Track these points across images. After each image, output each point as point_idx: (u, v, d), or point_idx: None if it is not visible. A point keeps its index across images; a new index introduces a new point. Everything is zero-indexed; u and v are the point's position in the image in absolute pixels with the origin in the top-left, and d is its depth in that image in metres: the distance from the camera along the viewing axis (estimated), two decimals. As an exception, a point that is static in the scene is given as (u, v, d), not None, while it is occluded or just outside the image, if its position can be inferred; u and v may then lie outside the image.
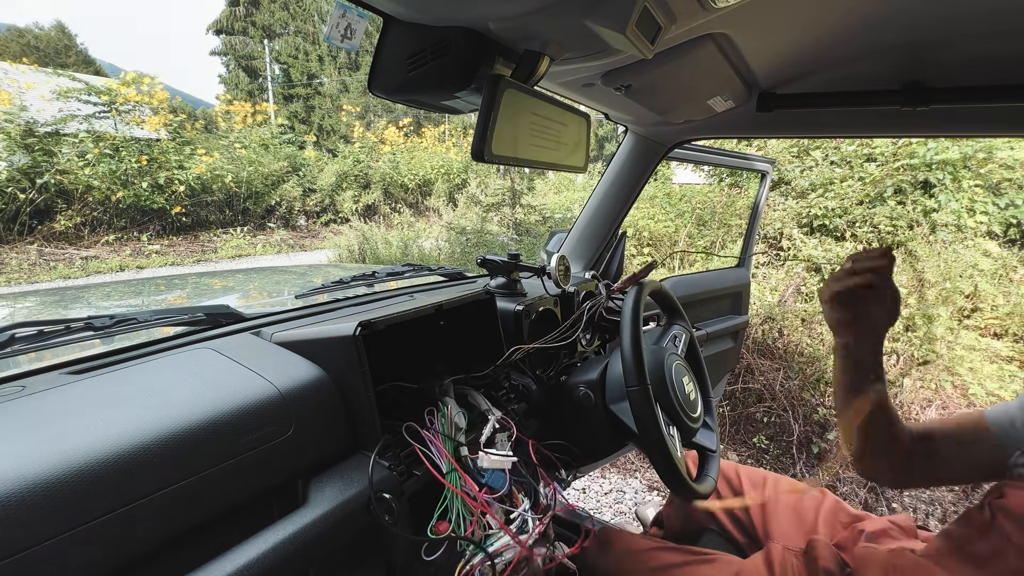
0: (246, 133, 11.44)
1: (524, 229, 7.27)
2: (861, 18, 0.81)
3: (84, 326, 0.82)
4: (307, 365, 0.74)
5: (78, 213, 8.43)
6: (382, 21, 0.71)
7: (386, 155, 12.69)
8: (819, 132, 1.96)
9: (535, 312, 1.12)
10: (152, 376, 0.69)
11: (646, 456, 0.91)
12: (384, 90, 0.77)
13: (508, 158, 0.72)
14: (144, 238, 8.98)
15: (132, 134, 9.31)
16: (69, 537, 0.46)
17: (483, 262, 1.26)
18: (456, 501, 0.71)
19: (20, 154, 7.92)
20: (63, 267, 7.23)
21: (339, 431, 0.72)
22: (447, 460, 0.73)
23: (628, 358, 0.88)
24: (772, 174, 2.21)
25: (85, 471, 0.49)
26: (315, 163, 12.09)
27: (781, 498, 1.09)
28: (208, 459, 0.57)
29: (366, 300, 1.17)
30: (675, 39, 0.81)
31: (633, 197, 1.63)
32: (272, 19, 24.07)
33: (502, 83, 0.66)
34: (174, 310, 0.95)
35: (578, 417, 1.06)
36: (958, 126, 1.17)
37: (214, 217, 10.12)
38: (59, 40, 25.58)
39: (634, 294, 0.96)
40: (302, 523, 0.60)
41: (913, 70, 0.97)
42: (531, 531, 0.76)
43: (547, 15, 0.63)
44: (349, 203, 11.31)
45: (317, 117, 23.77)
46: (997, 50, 0.87)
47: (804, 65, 1.01)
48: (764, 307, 3.53)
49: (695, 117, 1.28)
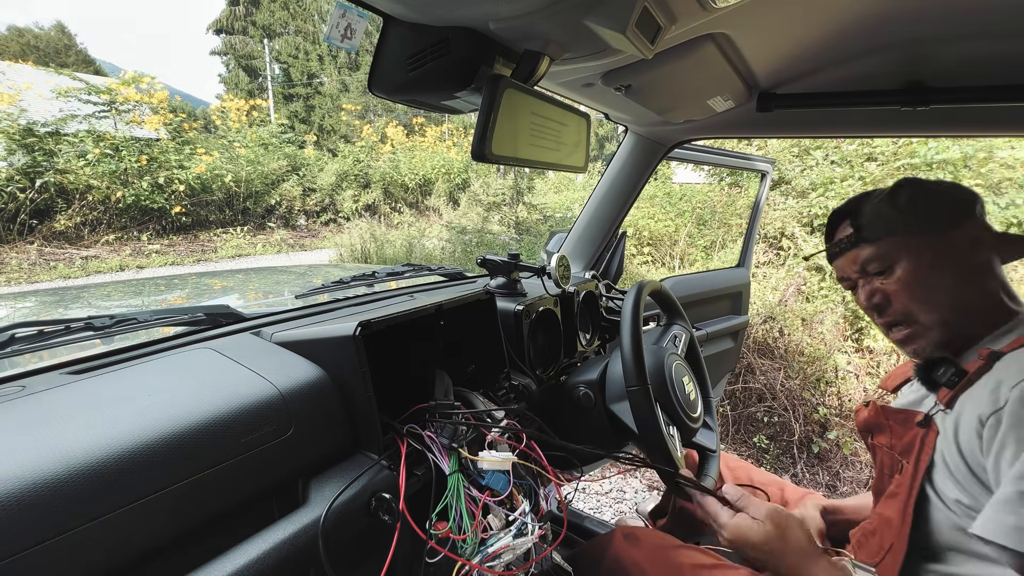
0: (245, 132, 11.45)
1: (525, 228, 7.28)
2: (861, 18, 0.81)
3: (84, 326, 0.82)
4: (307, 365, 0.74)
5: (78, 213, 8.43)
6: (382, 21, 0.71)
7: (386, 155, 12.70)
8: (819, 132, 1.96)
9: (535, 312, 1.12)
10: (152, 376, 0.69)
11: (646, 456, 0.91)
12: (384, 90, 0.77)
13: (508, 158, 0.72)
14: (144, 238, 8.98)
15: (132, 134, 9.32)
16: (69, 538, 0.46)
17: (483, 262, 1.26)
18: (457, 502, 0.71)
19: (20, 154, 7.92)
20: (63, 267, 7.23)
21: (339, 431, 0.72)
22: (447, 461, 0.73)
23: (628, 358, 0.88)
24: (772, 174, 2.20)
25: (85, 471, 0.49)
26: (315, 163, 12.10)
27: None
28: (208, 459, 0.57)
29: (366, 300, 1.17)
30: (675, 39, 0.81)
31: (633, 197, 1.63)
32: (272, 19, 24.07)
33: (502, 83, 0.66)
34: (174, 310, 0.95)
35: (578, 417, 1.06)
36: (958, 126, 1.17)
37: (214, 217, 10.12)
38: (59, 40, 25.59)
39: (634, 294, 0.96)
40: (302, 523, 0.60)
41: (913, 70, 0.97)
42: (531, 534, 0.76)
43: (547, 15, 0.63)
44: (349, 203, 11.31)
45: (317, 117, 23.78)
46: (997, 50, 0.87)
47: (804, 65, 1.01)
48: (764, 307, 3.53)
49: (695, 117, 1.28)
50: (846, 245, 0.85)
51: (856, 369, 3.23)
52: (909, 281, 0.78)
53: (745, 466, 1.23)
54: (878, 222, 0.81)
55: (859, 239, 0.82)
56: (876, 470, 0.89)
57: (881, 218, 0.81)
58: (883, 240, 0.80)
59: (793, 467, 2.68)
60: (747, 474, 1.20)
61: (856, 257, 0.83)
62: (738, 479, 1.19)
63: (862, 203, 0.85)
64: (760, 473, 1.22)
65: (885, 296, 0.81)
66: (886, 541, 0.79)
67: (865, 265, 0.82)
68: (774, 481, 1.20)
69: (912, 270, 0.78)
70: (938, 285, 0.77)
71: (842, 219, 0.88)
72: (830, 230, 0.91)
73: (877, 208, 0.82)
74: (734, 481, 1.18)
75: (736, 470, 1.21)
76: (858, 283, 0.85)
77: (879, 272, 0.81)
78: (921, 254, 0.78)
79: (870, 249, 0.81)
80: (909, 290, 0.78)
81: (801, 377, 3.03)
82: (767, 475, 1.22)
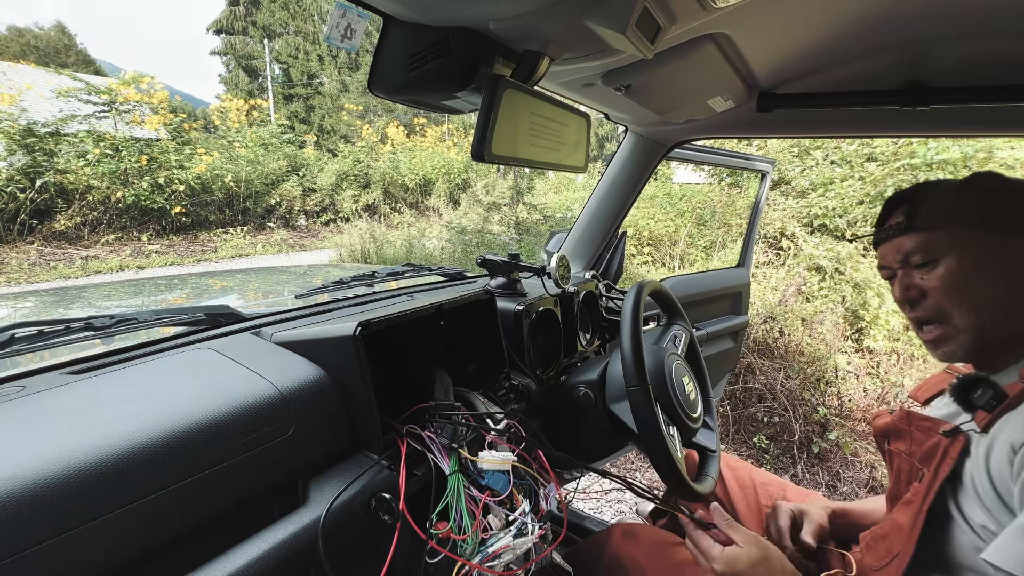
0: (245, 133, 11.45)
1: (525, 228, 7.28)
2: (861, 18, 0.81)
3: (84, 326, 0.82)
4: (307, 365, 0.74)
5: (78, 213, 8.43)
6: (382, 21, 0.71)
7: (386, 155, 12.70)
8: (819, 132, 1.96)
9: (535, 312, 1.12)
10: (152, 376, 0.69)
11: (646, 456, 0.91)
12: (384, 90, 0.77)
13: (508, 158, 0.72)
14: (144, 238, 8.98)
15: (132, 134, 9.32)
16: (69, 538, 0.46)
17: (483, 262, 1.26)
18: (457, 502, 0.71)
19: (20, 154, 7.92)
20: (63, 267, 7.23)
21: (339, 431, 0.72)
22: (447, 461, 0.73)
23: (628, 358, 0.88)
24: (772, 174, 2.21)
25: (85, 471, 0.49)
26: (315, 163, 12.10)
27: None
28: (208, 459, 0.57)
29: (366, 300, 1.17)
30: (675, 39, 0.81)
31: (633, 197, 1.63)
32: (272, 19, 24.07)
33: (502, 83, 0.66)
34: (174, 310, 0.95)
35: (578, 417, 1.06)
36: (958, 126, 1.17)
37: (214, 217, 10.12)
38: (59, 39, 25.59)
39: (634, 294, 0.96)
40: (302, 523, 0.60)
41: (913, 70, 0.97)
42: (531, 534, 0.76)
43: (547, 15, 0.63)
44: (349, 203, 11.32)
45: (317, 117, 23.78)
46: (997, 50, 0.87)
47: (804, 65, 1.01)
48: (764, 307, 3.53)
49: (695, 117, 1.28)
50: (894, 231, 0.78)
51: (856, 369, 3.23)
52: (952, 279, 0.73)
53: (746, 466, 1.23)
54: (935, 211, 0.75)
55: (909, 227, 0.76)
56: (892, 476, 0.86)
57: (940, 207, 0.75)
58: (934, 230, 0.74)
59: (793, 467, 2.68)
60: (748, 474, 1.20)
61: (901, 245, 0.77)
62: (739, 479, 1.19)
63: (926, 190, 0.78)
64: (761, 473, 1.22)
65: (921, 291, 0.76)
66: (895, 547, 0.78)
67: (909, 255, 0.76)
68: (775, 481, 1.19)
69: (957, 268, 0.72)
70: (983, 289, 0.72)
71: (898, 204, 0.81)
72: (884, 214, 0.84)
73: (940, 197, 0.76)
74: (735, 481, 1.18)
75: (737, 470, 1.21)
76: (897, 273, 0.80)
77: (921, 264, 0.75)
78: (971, 252, 0.72)
79: (919, 238, 0.75)
80: (950, 288, 0.73)
81: (801, 377, 3.03)
82: (768, 475, 1.22)
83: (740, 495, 1.16)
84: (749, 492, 1.16)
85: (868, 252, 4.13)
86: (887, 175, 4.17)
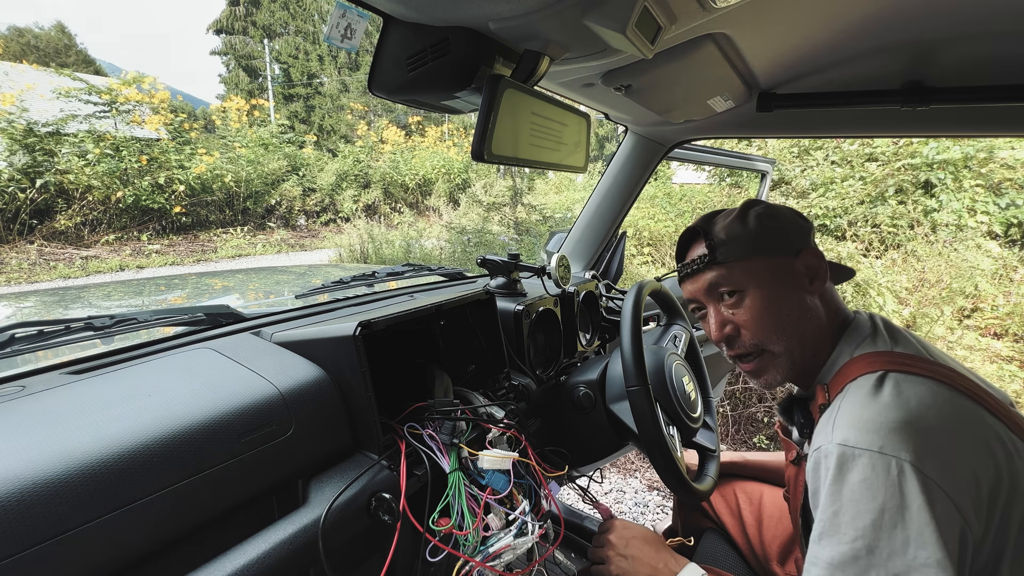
0: (246, 132, 11.45)
1: (524, 228, 7.27)
2: (861, 18, 0.81)
3: (84, 326, 0.82)
4: (307, 365, 0.75)
5: (78, 213, 8.44)
6: (382, 21, 0.71)
7: (387, 155, 12.70)
8: (819, 132, 1.96)
9: (535, 312, 1.12)
10: (152, 376, 0.69)
11: (646, 456, 0.91)
12: (384, 90, 0.77)
13: (508, 158, 0.72)
14: (144, 238, 8.99)
15: (132, 134, 9.33)
16: (69, 538, 0.46)
17: (483, 262, 1.26)
18: (458, 500, 0.71)
19: (21, 154, 7.93)
20: (63, 267, 7.23)
21: (339, 431, 0.72)
22: (448, 459, 0.73)
23: (628, 358, 0.88)
24: (772, 174, 2.20)
25: (85, 471, 0.49)
26: (315, 163, 12.11)
27: None
28: (208, 459, 0.57)
29: (366, 300, 1.17)
30: (675, 39, 0.81)
31: (633, 197, 1.63)
32: (272, 19, 24.08)
33: (502, 83, 0.66)
34: (174, 310, 0.95)
35: (578, 417, 1.06)
36: (958, 126, 1.17)
37: (214, 217, 10.13)
38: (59, 40, 25.59)
39: (634, 294, 0.96)
40: (302, 523, 0.60)
41: (913, 70, 0.97)
42: (531, 533, 0.76)
43: (547, 15, 0.63)
44: (349, 203, 11.32)
45: (317, 117, 23.78)
46: (997, 50, 0.87)
47: (804, 65, 1.01)
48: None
49: (695, 117, 1.28)
50: (699, 266, 0.79)
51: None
52: (759, 307, 0.75)
53: (740, 456, 1.23)
54: (732, 243, 0.77)
55: (711, 260, 0.78)
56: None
57: (734, 239, 0.77)
58: (736, 263, 0.76)
59: (793, 467, 2.68)
60: (743, 459, 1.21)
61: (707, 279, 0.78)
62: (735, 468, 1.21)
63: (715, 222, 0.81)
64: (755, 455, 1.22)
65: (736, 327, 0.77)
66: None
67: (717, 287, 0.78)
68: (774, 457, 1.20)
69: (762, 296, 0.75)
70: (786, 313, 0.74)
71: (695, 237, 0.83)
72: (682, 249, 0.86)
73: (730, 228, 0.78)
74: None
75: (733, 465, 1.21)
76: (708, 308, 0.81)
77: (731, 294, 0.77)
78: (769, 279, 0.75)
79: (722, 271, 0.77)
80: (759, 317, 0.75)
81: (801, 377, 3.03)
82: (764, 454, 1.22)
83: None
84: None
85: (869, 252, 4.12)
86: (888, 175, 4.17)
